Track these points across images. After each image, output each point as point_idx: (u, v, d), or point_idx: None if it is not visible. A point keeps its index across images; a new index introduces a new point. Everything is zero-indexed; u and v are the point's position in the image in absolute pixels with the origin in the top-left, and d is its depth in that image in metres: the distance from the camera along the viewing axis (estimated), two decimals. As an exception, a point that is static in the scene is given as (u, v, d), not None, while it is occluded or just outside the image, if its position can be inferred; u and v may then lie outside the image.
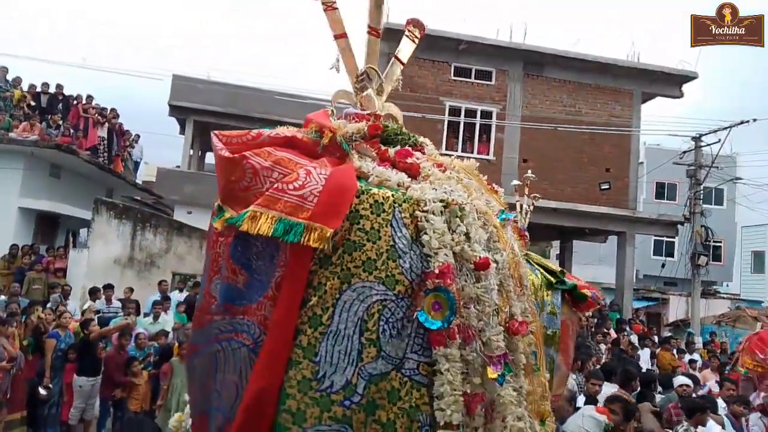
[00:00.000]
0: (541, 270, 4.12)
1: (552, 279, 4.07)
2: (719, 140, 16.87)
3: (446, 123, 15.49)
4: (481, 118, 15.75)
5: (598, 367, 7.66)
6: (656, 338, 13.74)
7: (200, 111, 18.77)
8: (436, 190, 2.36)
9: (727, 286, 28.33)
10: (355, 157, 2.49)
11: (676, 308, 20.51)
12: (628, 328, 13.53)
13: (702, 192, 17.85)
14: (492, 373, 2.19)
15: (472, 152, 15.31)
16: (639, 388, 6.24)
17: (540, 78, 16.13)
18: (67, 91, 15.35)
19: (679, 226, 17.31)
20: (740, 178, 19.97)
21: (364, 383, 2.16)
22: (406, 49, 3.02)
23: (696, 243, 17.37)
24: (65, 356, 7.32)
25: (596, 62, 16.01)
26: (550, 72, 16.12)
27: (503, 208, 2.81)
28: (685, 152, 18.09)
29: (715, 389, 7.81)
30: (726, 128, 16.60)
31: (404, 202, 2.31)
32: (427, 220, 2.26)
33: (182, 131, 20.41)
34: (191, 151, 20.55)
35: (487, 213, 2.45)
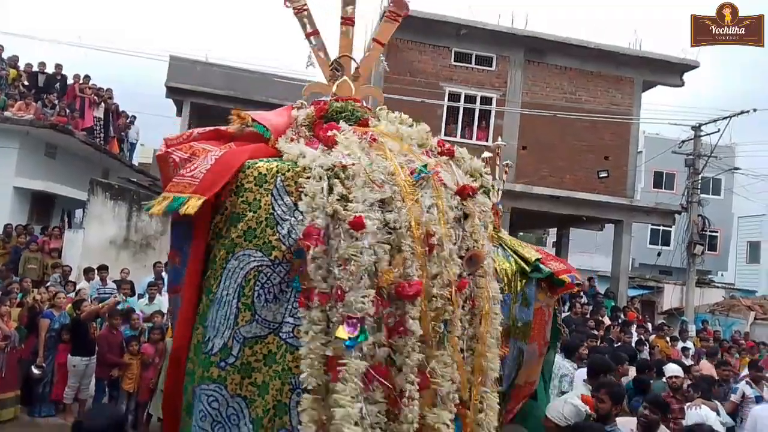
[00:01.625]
0: (516, 257, 4.07)
1: (526, 267, 4.03)
2: (718, 130, 16.82)
3: (445, 108, 15.40)
4: (480, 104, 15.66)
5: (587, 352, 7.66)
6: (650, 326, 13.81)
7: (198, 93, 18.61)
8: (329, 156, 2.38)
9: (722, 275, 28.45)
10: (281, 140, 2.58)
11: (670, 297, 20.58)
12: (622, 316, 13.59)
13: (700, 182, 17.83)
14: (342, 333, 2.10)
15: (470, 138, 15.25)
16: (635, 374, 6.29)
17: (541, 65, 16.02)
18: (65, 71, 15.19)
19: (676, 215, 17.33)
20: (738, 168, 19.96)
21: (239, 346, 2.28)
22: (386, 30, 3.03)
23: (692, 232, 17.38)
24: (59, 336, 7.34)
25: (598, 49, 15.90)
26: (551, 59, 16.00)
27: (434, 169, 2.53)
28: (684, 141, 18.04)
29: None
30: (725, 118, 16.55)
31: (288, 171, 2.39)
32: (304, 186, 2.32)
33: (179, 113, 20.26)
34: (188, 133, 20.40)
35: (395, 174, 2.36)
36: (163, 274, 10.58)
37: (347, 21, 2.96)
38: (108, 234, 11.98)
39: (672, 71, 16.66)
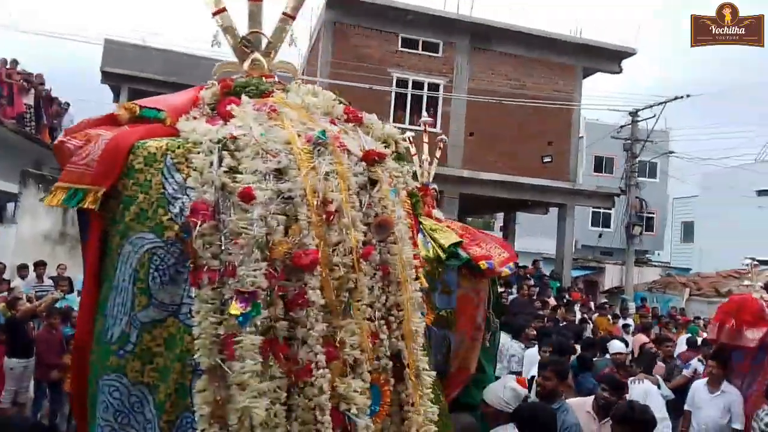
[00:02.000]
0: (434, 244, 4.07)
1: (442, 254, 4.02)
2: (654, 115, 17.56)
3: (393, 95, 15.39)
4: (428, 90, 15.72)
5: (534, 332, 7.90)
6: (592, 305, 14.37)
7: (135, 78, 17.86)
8: (220, 130, 2.30)
9: (659, 255, 29.88)
10: (182, 119, 2.51)
11: (611, 276, 21.49)
12: (566, 297, 14.07)
13: (637, 165, 18.59)
14: (234, 309, 2.04)
15: (419, 124, 15.31)
16: (579, 352, 6.51)
17: (487, 51, 16.21)
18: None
19: (615, 198, 18.01)
20: (673, 152, 20.91)
21: (137, 332, 2.23)
22: (295, 3, 2.93)
23: (631, 214, 18.16)
24: (-7, 337, 6.94)
25: (540, 37, 16.22)
26: (496, 45, 16.22)
27: (334, 135, 2.42)
28: (622, 127, 18.74)
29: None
30: (661, 104, 17.28)
31: (178, 147, 2.33)
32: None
33: (116, 99, 19.41)
34: (127, 121, 19.61)
35: (291, 142, 2.29)
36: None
37: None
38: (42, 228, 11.40)
39: (611, 58, 17.21)
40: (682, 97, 16.68)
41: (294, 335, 2.13)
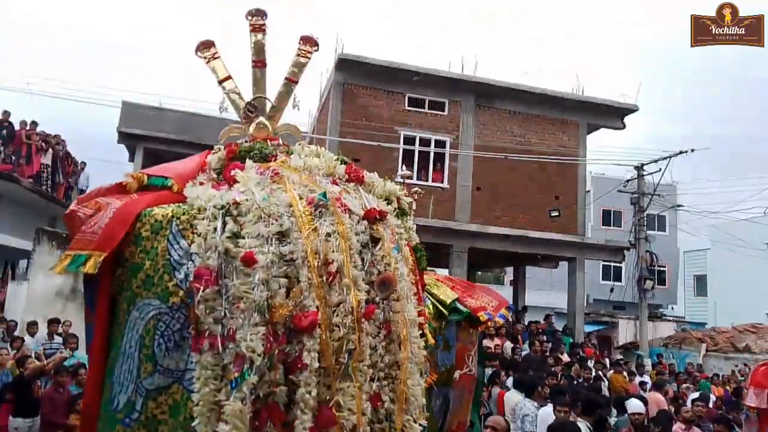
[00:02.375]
0: (432, 300, 4.06)
1: (443, 310, 4.03)
2: (660, 169, 17.70)
3: (401, 152, 15.69)
4: (435, 147, 16.03)
5: (548, 390, 7.71)
6: (607, 361, 14.04)
7: (151, 138, 18.39)
8: (224, 195, 2.35)
9: (672, 308, 29.36)
10: (189, 185, 2.56)
11: (625, 331, 21.07)
12: (580, 352, 13.78)
13: (645, 219, 18.58)
14: (230, 374, 2.04)
15: (426, 180, 15.52)
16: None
17: (491, 109, 16.61)
18: (12, 119, 14.75)
19: (625, 251, 17.92)
20: (681, 205, 20.91)
21: (142, 399, 2.22)
22: (297, 67, 3.06)
23: (642, 267, 18.00)
24: (1, 396, 6.87)
25: (543, 94, 16.62)
26: (500, 103, 16.62)
27: (335, 196, 2.44)
28: (628, 181, 18.86)
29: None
30: (666, 158, 17.45)
31: (183, 214, 2.36)
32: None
33: (131, 158, 19.90)
34: (141, 180, 19.98)
35: (292, 205, 2.32)
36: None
37: (258, 63, 3.01)
38: (54, 285, 11.46)
39: (613, 114, 17.53)
40: (686, 151, 16.86)
41: (293, 400, 2.09)
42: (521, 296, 19.48)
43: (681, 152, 17.03)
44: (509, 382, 7.74)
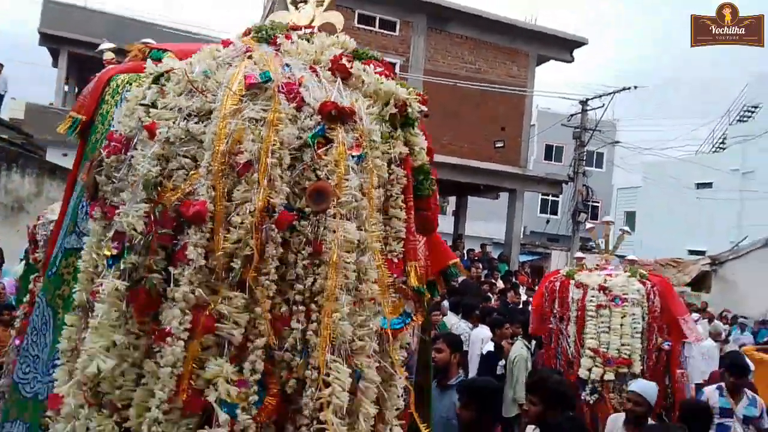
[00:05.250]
0: None
1: None
2: (603, 105, 17.98)
3: (348, 72, 15.17)
4: (384, 69, 15.56)
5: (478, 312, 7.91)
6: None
7: (77, 42, 16.90)
8: (174, 65, 2.23)
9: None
10: (169, 58, 2.45)
11: (557, 262, 22.05)
12: (513, 279, 14.33)
13: (585, 154, 19.04)
14: (108, 249, 1.93)
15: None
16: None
17: (443, 33, 16.15)
18: None
19: (563, 184, 18.42)
20: (619, 142, 21.51)
21: (60, 256, 2.35)
22: None
23: (577, 201, 18.62)
24: None
25: (496, 21, 16.28)
26: (453, 27, 16.17)
27: (282, 80, 2.15)
28: (572, 115, 19.12)
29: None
30: (609, 94, 17.69)
31: (135, 80, 2.34)
32: None
33: (55, 63, 18.36)
34: (66, 87, 18.57)
35: (231, 83, 2.07)
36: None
37: None
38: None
39: (563, 47, 17.47)
40: (629, 88, 17.11)
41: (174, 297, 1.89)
42: (461, 226, 19.88)
43: (624, 89, 17.28)
44: (445, 303, 7.93)
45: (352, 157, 2.06)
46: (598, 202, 27.82)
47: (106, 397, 1.86)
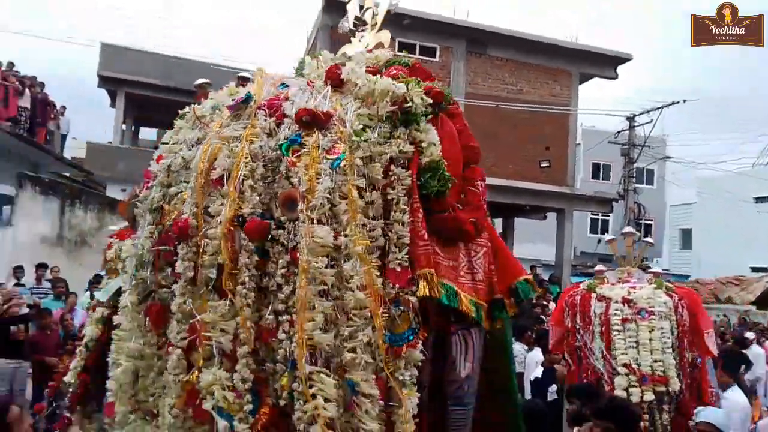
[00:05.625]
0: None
1: None
2: (651, 120, 17.58)
3: (390, 99, 15.38)
4: (425, 94, 15.71)
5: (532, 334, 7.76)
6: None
7: (133, 83, 17.81)
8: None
9: (657, 261, 29.76)
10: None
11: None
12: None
13: (634, 171, 18.58)
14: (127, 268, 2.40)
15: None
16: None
17: (483, 56, 16.23)
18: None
19: (613, 203, 17.98)
20: (670, 157, 20.91)
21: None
22: None
23: (629, 220, 18.11)
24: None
25: (536, 42, 16.25)
26: (492, 50, 16.24)
27: (261, 98, 2.22)
28: (619, 132, 18.75)
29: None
30: (657, 109, 17.31)
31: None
32: None
33: (113, 104, 19.36)
34: (123, 126, 19.53)
35: (223, 111, 2.46)
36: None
37: None
38: (39, 231, 11.31)
39: (607, 64, 17.24)
40: (678, 102, 16.70)
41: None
42: (509, 248, 19.58)
43: (673, 103, 16.89)
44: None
45: (327, 160, 2.01)
46: (651, 220, 26.95)
47: (143, 405, 2.04)
